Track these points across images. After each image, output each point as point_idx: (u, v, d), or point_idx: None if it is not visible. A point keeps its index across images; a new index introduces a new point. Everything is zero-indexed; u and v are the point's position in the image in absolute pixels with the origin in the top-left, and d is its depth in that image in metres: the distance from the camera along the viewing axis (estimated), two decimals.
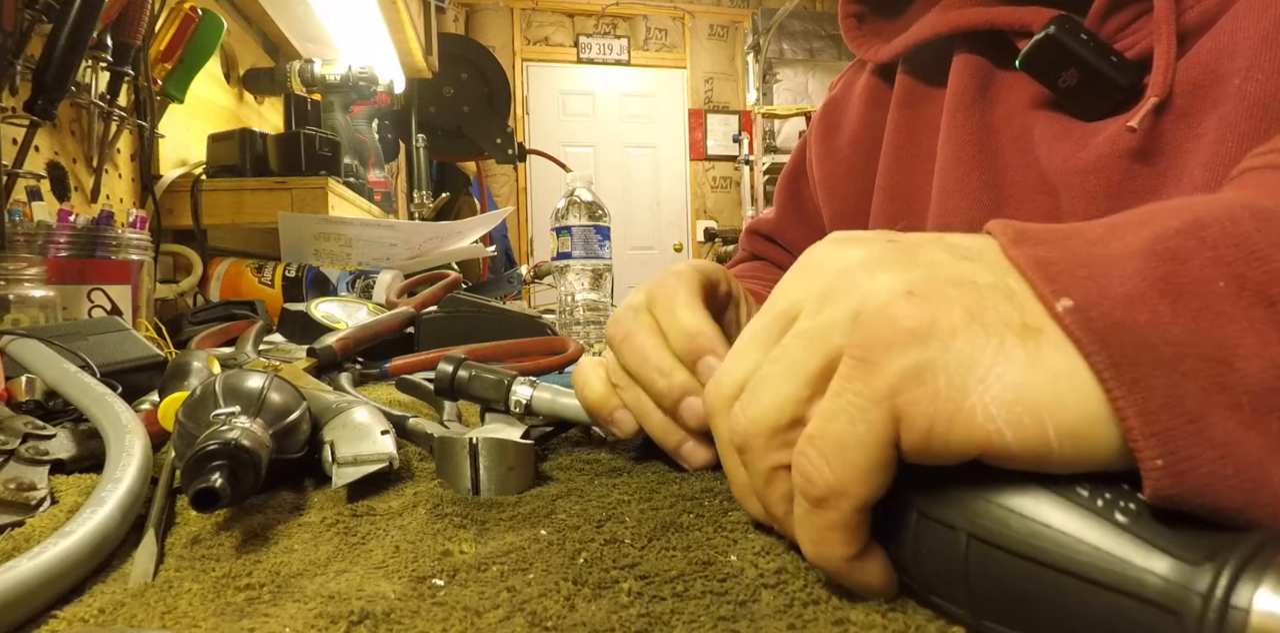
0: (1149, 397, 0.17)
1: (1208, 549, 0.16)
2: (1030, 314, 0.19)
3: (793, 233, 0.73)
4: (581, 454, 0.40)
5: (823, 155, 0.65)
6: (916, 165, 0.54)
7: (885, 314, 0.20)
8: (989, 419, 0.18)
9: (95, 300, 0.73)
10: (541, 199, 4.53)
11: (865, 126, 0.60)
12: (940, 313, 0.19)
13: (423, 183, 2.40)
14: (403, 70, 2.04)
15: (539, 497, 0.33)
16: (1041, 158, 0.44)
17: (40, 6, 0.75)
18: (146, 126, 1.08)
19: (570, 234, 0.90)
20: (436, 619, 0.22)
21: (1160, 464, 0.16)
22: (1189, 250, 0.18)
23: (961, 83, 0.49)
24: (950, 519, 0.19)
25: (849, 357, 0.20)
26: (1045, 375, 0.18)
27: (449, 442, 0.34)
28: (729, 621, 0.21)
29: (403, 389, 0.56)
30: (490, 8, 4.51)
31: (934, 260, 0.21)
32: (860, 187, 0.60)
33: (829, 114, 0.66)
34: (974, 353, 0.19)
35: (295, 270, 1.12)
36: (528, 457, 0.35)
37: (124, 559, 0.27)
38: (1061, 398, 0.18)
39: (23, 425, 0.37)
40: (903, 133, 0.56)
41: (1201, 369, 0.17)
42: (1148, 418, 0.17)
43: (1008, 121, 0.47)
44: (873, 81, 0.60)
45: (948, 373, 0.19)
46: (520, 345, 0.72)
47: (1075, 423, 0.18)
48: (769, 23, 4.35)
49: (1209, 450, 0.16)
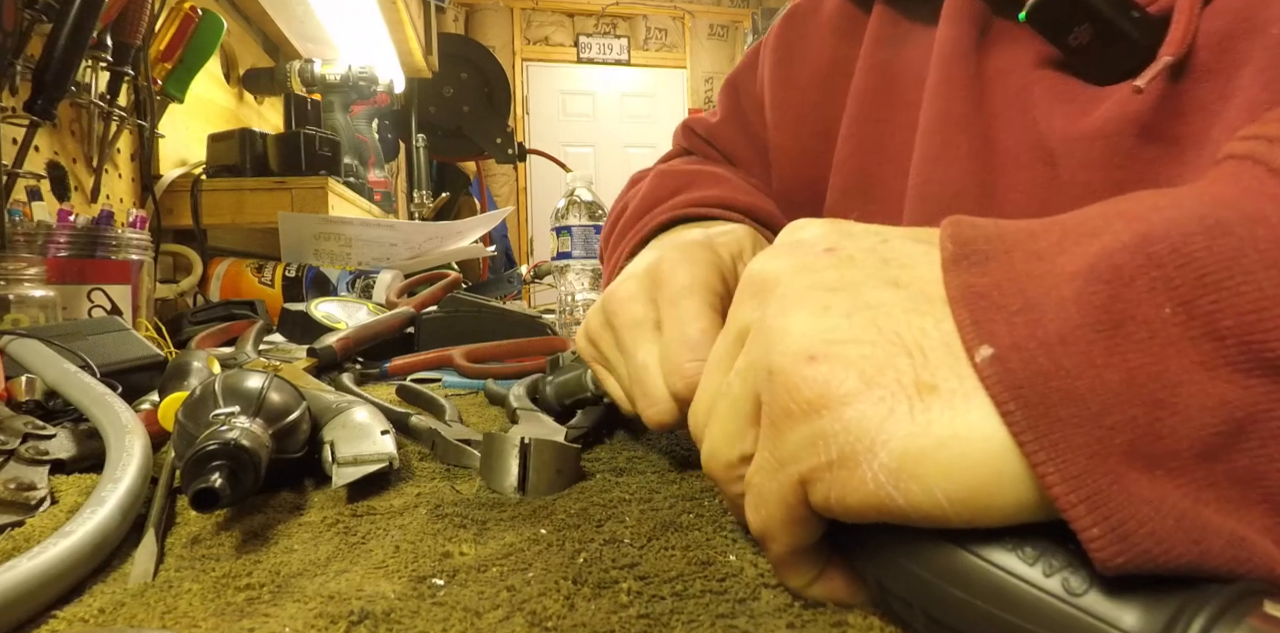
0: (1071, 460, 0.16)
1: (1167, 615, 0.15)
2: (930, 369, 0.18)
3: (731, 142, 0.66)
4: (583, 454, 0.40)
5: (778, 82, 0.58)
6: (891, 114, 0.48)
7: (787, 382, 0.20)
8: (879, 487, 0.18)
9: (95, 300, 0.73)
10: (541, 199, 4.53)
11: (832, 61, 0.53)
12: (836, 380, 0.19)
13: (423, 183, 2.40)
14: (403, 70, 2.04)
15: (540, 496, 0.33)
16: (1040, 121, 0.40)
17: (40, 6, 0.75)
18: (146, 126, 1.07)
19: (570, 234, 0.90)
20: (436, 619, 0.22)
21: (1097, 532, 0.15)
22: (1134, 270, 0.17)
23: (958, 27, 0.42)
24: (906, 596, 0.19)
25: (764, 416, 0.21)
26: (929, 441, 0.17)
27: (499, 439, 0.34)
28: (728, 618, 0.21)
29: (403, 396, 0.55)
30: (490, 8, 4.51)
31: (855, 285, 0.21)
32: (817, 127, 0.54)
33: (789, 31, 0.57)
34: (863, 422, 0.18)
35: (295, 270, 1.12)
36: (575, 460, 0.35)
37: (124, 559, 0.27)
38: (948, 463, 0.17)
39: (23, 425, 0.37)
40: (877, 75, 0.49)
41: (1133, 419, 0.16)
42: (1073, 484, 0.16)
43: (1004, 77, 0.41)
44: (845, 7, 0.52)
45: (839, 443, 0.18)
46: (520, 345, 0.72)
47: (965, 488, 0.17)
48: (769, 22, 4.35)
49: (1143, 507, 0.15)
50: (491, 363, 0.67)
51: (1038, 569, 0.17)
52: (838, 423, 0.19)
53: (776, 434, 0.20)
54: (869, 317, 0.20)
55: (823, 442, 0.19)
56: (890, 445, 0.18)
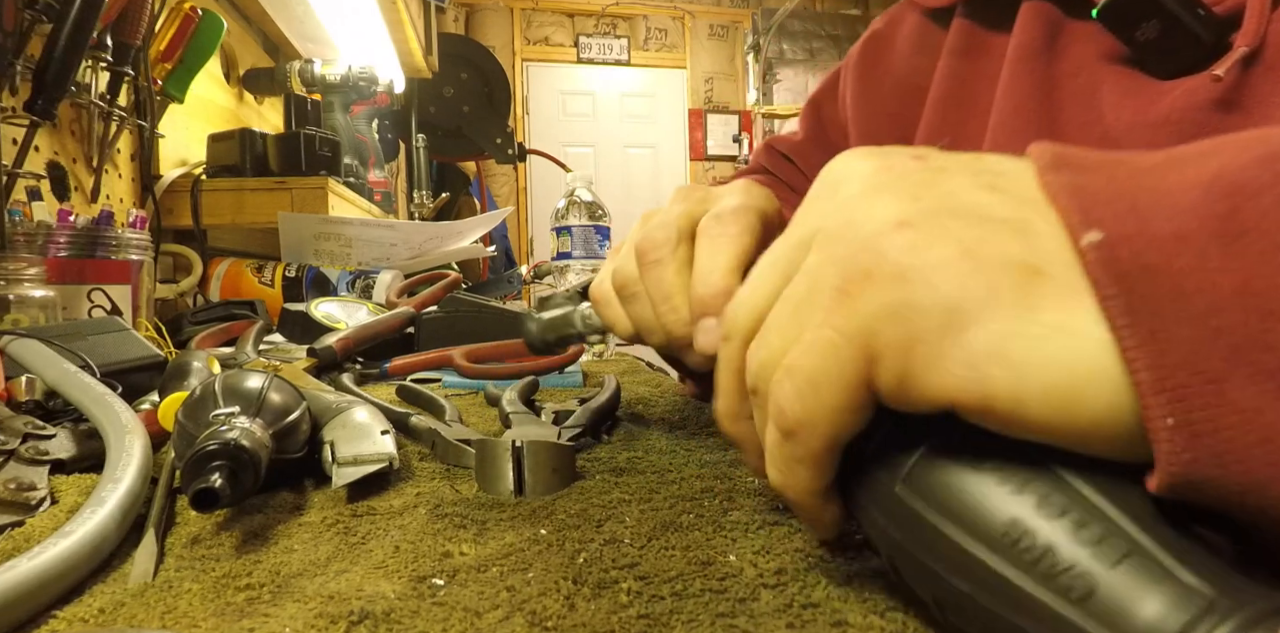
0: (1166, 350, 0.15)
1: (1195, 610, 0.14)
2: (1039, 254, 0.17)
3: (814, 161, 0.67)
4: (582, 454, 0.40)
5: (860, 94, 0.60)
6: (966, 118, 0.50)
7: (871, 245, 0.18)
8: (967, 370, 0.16)
9: (95, 300, 0.73)
10: (541, 199, 4.53)
11: (911, 73, 0.55)
12: (930, 247, 0.17)
13: (423, 183, 2.40)
14: (403, 70, 2.04)
15: (539, 497, 0.33)
16: (1107, 114, 0.41)
17: (40, 6, 0.75)
18: (146, 126, 1.07)
19: (570, 234, 0.90)
20: (436, 619, 0.22)
21: (1170, 423, 0.14)
22: (1261, 185, 0.16)
23: (1029, 32, 0.45)
24: (917, 586, 0.19)
25: (831, 287, 0.19)
26: (1035, 328, 0.16)
27: (489, 444, 0.34)
28: (728, 617, 0.21)
29: (403, 396, 0.55)
30: (490, 8, 4.51)
31: (948, 187, 0.19)
32: (895, 135, 0.56)
33: (871, 49, 0.60)
34: (959, 295, 0.17)
35: (295, 270, 1.12)
36: (570, 458, 0.35)
37: (124, 559, 0.27)
38: (1050, 355, 0.16)
39: (23, 425, 0.37)
40: (954, 83, 0.51)
41: (1243, 324, 0.15)
42: (1161, 373, 0.15)
43: (1073, 76, 0.43)
44: (923, 24, 0.55)
45: (927, 315, 0.17)
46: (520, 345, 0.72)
47: (1062, 386, 0.16)
48: (769, 23, 4.35)
49: (1230, 415, 0.14)
50: (491, 363, 0.67)
51: (1044, 561, 0.16)
52: (931, 292, 0.17)
53: (847, 302, 0.18)
54: (964, 202, 0.18)
55: (908, 312, 0.17)
56: (990, 328, 0.16)
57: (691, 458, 0.39)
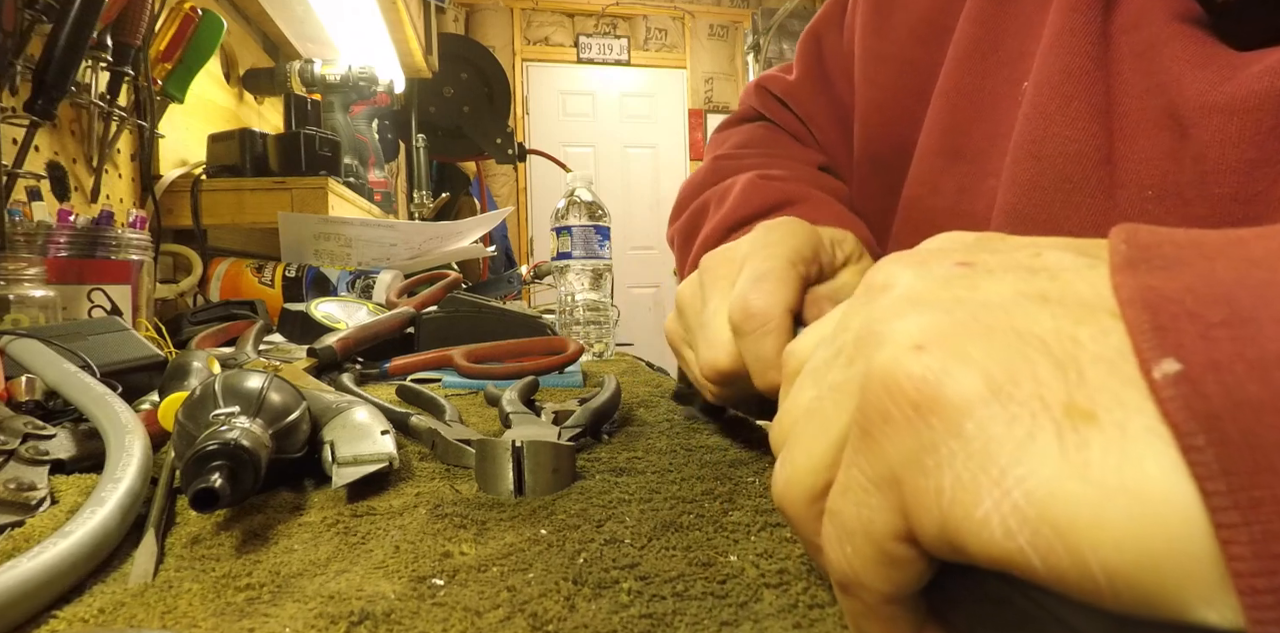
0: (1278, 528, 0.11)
1: None
2: (1090, 389, 0.13)
3: (810, 102, 0.60)
4: (582, 454, 0.40)
5: (870, 31, 0.53)
6: (995, 69, 0.44)
7: (885, 377, 0.15)
8: (1007, 535, 0.13)
9: (95, 300, 0.73)
10: (541, 199, 4.53)
11: (932, 11, 0.49)
12: (951, 378, 0.14)
13: (423, 183, 2.40)
14: (403, 70, 2.04)
15: (539, 496, 0.33)
16: (1170, 85, 0.35)
17: (40, 6, 0.75)
18: (146, 126, 1.08)
19: (570, 234, 0.90)
20: (436, 620, 0.22)
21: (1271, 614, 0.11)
22: None
23: None
24: None
25: (854, 423, 0.16)
26: (1087, 491, 0.12)
27: (489, 444, 0.34)
28: (731, 624, 0.21)
29: (403, 396, 0.55)
30: (490, 8, 4.51)
31: (988, 295, 0.16)
32: (911, 83, 0.50)
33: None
34: (989, 443, 0.14)
35: (295, 270, 1.12)
36: (570, 458, 0.35)
37: (124, 559, 0.27)
38: (1109, 526, 0.12)
39: (23, 425, 0.37)
40: (983, 27, 0.44)
41: None
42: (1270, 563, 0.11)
43: (1130, 32, 0.37)
44: None
45: (954, 466, 0.14)
46: (520, 345, 0.72)
47: (1130, 563, 0.12)
48: (769, 23, 4.35)
49: None
50: (491, 363, 0.67)
51: None
52: (953, 438, 0.14)
53: (870, 445, 0.16)
54: (1003, 318, 0.15)
55: (933, 460, 0.14)
56: (1028, 485, 0.13)
57: (692, 458, 0.39)
